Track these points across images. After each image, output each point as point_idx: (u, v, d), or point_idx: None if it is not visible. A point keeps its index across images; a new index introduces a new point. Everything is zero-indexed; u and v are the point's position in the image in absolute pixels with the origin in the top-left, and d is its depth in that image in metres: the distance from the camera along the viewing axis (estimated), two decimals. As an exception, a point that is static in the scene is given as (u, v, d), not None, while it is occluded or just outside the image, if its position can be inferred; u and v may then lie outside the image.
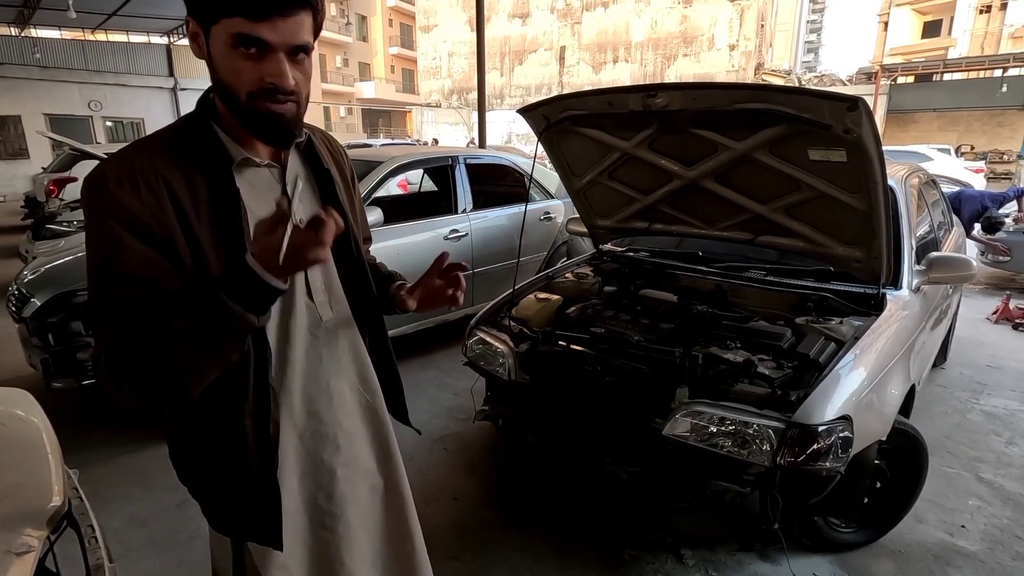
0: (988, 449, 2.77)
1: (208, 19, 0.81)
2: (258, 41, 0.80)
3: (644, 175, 2.46)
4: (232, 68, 0.82)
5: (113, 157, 0.84)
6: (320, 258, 0.77)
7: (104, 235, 0.80)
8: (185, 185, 0.84)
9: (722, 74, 20.68)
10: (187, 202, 0.84)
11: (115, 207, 0.80)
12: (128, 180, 0.81)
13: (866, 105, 1.66)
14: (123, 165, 0.82)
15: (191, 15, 0.83)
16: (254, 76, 0.81)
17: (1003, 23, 25.77)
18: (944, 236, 3.36)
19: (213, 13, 0.80)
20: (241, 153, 0.89)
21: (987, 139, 19.72)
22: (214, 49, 0.82)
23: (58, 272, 2.98)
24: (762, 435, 1.66)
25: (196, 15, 0.82)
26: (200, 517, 1.02)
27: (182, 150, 0.86)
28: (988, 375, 3.65)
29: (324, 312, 1.00)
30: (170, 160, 0.84)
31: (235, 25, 0.79)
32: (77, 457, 2.47)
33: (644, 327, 2.22)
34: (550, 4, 23.96)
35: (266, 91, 0.82)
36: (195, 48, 0.85)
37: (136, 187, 0.81)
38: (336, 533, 1.03)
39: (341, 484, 1.03)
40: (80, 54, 16.43)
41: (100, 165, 0.83)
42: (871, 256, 2.10)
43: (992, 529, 2.21)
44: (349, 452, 1.05)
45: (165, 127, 0.92)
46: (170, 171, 0.84)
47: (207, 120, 0.89)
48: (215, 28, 0.81)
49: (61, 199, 7.45)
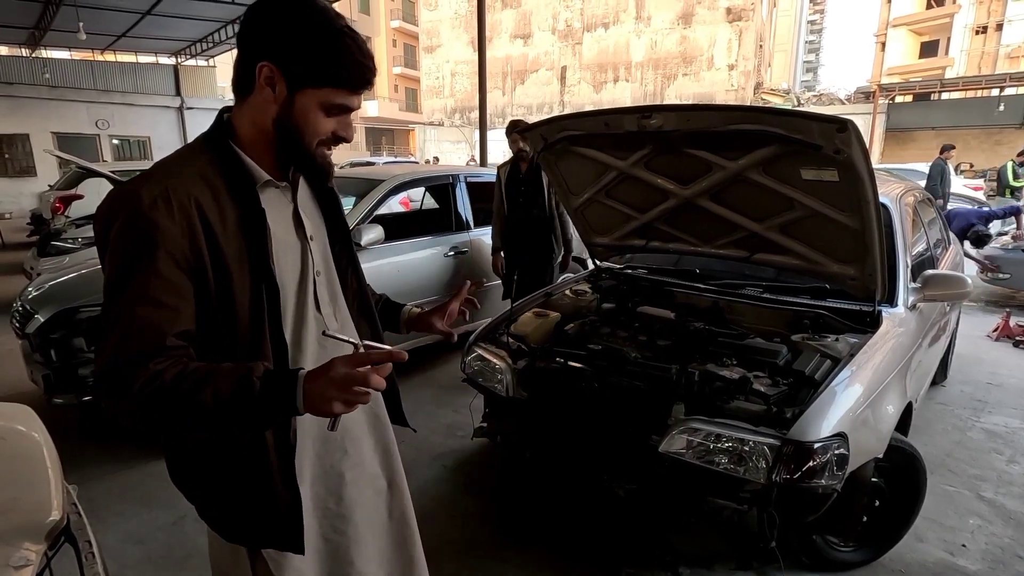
0: (989, 467, 2.76)
1: (304, 83, 0.87)
2: (347, 108, 0.91)
3: (641, 194, 2.49)
4: (311, 121, 0.89)
5: (144, 178, 0.85)
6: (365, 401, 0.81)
7: (134, 256, 0.80)
8: (214, 206, 0.86)
9: (721, 93, 20.93)
10: (216, 222, 0.86)
11: (149, 228, 0.80)
12: (162, 201, 0.82)
13: (855, 127, 1.70)
14: (156, 186, 0.83)
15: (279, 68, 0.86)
16: (327, 129, 0.91)
17: (999, 43, 26.11)
18: (941, 254, 3.38)
19: (316, 82, 0.87)
20: (263, 175, 0.93)
21: (986, 157, 19.80)
22: (298, 102, 0.88)
23: (62, 289, 3.01)
24: (758, 452, 1.67)
25: (290, 76, 0.86)
26: (198, 535, 1.04)
27: (209, 171, 0.89)
28: (988, 393, 3.64)
29: (330, 322, 1.03)
30: (199, 181, 0.87)
31: (336, 96, 0.89)
32: (75, 473, 2.47)
33: (641, 344, 2.23)
34: (551, 25, 24.37)
35: (333, 141, 0.93)
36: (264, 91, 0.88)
37: (170, 208, 0.82)
38: (346, 535, 1.06)
39: (349, 488, 1.06)
40: (89, 74, 16.71)
41: (131, 185, 0.84)
42: (865, 273, 2.12)
43: (993, 548, 2.19)
44: (356, 456, 1.08)
45: (186, 148, 0.94)
46: (200, 192, 0.86)
47: (228, 142, 0.92)
48: (310, 90, 0.88)
49: (67, 216, 7.52)
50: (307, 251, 1.00)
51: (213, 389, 0.79)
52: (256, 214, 0.90)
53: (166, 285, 0.81)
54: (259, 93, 0.88)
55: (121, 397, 0.80)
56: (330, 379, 0.78)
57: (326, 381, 0.79)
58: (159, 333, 0.81)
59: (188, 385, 0.79)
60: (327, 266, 1.06)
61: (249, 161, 0.92)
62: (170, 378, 0.79)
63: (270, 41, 0.86)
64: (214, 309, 0.86)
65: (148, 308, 0.80)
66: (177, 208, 0.82)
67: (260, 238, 0.89)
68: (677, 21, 21.86)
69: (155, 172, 0.87)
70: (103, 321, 0.82)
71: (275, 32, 0.86)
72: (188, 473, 1.00)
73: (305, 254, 0.99)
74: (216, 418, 0.80)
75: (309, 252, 1.00)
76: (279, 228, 0.94)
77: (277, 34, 0.86)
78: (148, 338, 0.80)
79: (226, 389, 0.79)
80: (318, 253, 1.02)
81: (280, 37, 0.86)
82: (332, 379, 0.78)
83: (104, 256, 0.84)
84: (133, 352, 0.80)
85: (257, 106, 0.90)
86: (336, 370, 0.79)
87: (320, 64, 0.86)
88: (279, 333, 0.92)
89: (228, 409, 0.79)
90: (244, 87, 0.90)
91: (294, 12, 0.86)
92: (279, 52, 0.86)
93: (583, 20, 23.68)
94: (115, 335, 0.80)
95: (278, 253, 0.92)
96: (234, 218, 0.88)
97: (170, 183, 0.84)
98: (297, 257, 0.98)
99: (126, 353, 0.79)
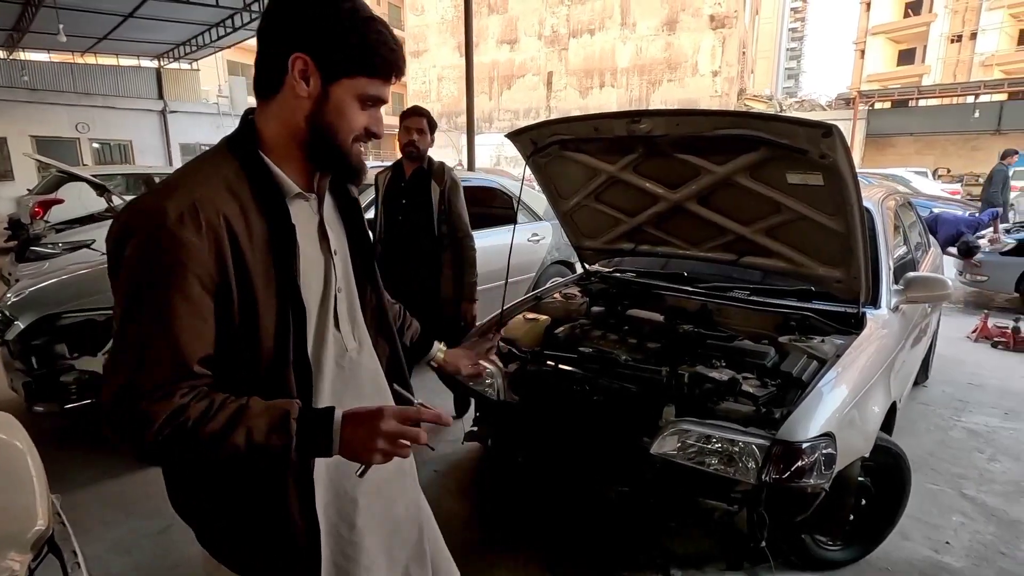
0: (971, 466, 2.82)
1: (339, 74, 0.83)
2: (381, 100, 0.87)
3: (630, 198, 2.51)
4: (347, 114, 0.85)
5: (168, 190, 0.78)
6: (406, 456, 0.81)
7: (159, 276, 0.74)
8: (241, 220, 0.80)
9: (706, 99, 21.17)
10: (244, 239, 0.80)
11: (176, 246, 0.74)
12: (190, 216, 0.75)
13: (840, 132, 1.73)
14: (183, 199, 0.76)
15: (313, 59, 0.81)
16: (361, 124, 0.87)
17: (973, 52, 26.77)
18: (922, 256, 3.45)
19: (351, 71, 0.83)
20: (293, 187, 0.87)
21: (963, 162, 20.28)
22: (333, 95, 0.83)
23: (42, 295, 2.95)
24: (747, 453, 1.69)
25: (324, 67, 0.82)
26: (185, 544, 1.02)
27: (236, 182, 0.82)
28: (969, 392, 3.71)
29: (348, 342, 0.98)
30: (226, 193, 0.80)
31: (371, 86, 0.85)
32: (59, 482, 2.41)
33: (631, 347, 2.25)
34: (538, 31, 24.49)
35: (365, 137, 0.89)
36: (298, 86, 0.82)
37: (198, 224, 0.75)
38: (359, 564, 1.00)
39: (363, 514, 1.00)
40: (69, 76, 16.47)
41: (154, 198, 0.77)
42: (850, 276, 2.16)
43: (977, 545, 2.23)
44: (371, 482, 1.00)
45: (210, 155, 0.87)
46: (228, 206, 0.80)
47: (256, 150, 0.86)
48: (345, 80, 0.83)
49: (46, 221, 7.38)
50: (331, 266, 0.94)
51: (246, 430, 0.75)
52: (286, 230, 0.84)
53: (192, 308, 0.75)
54: (290, 90, 0.83)
55: (139, 433, 0.73)
56: (379, 430, 0.78)
57: (372, 430, 0.78)
58: (185, 360, 0.75)
59: (218, 424, 0.74)
60: (348, 282, 1.00)
61: (277, 171, 0.86)
62: (196, 414, 0.74)
63: (303, 31, 0.81)
64: (236, 332, 0.80)
65: (173, 333, 0.74)
66: (205, 224, 0.76)
67: (289, 256, 0.84)
68: (662, 28, 22.09)
69: (179, 183, 0.80)
70: (117, 347, 0.76)
71: (308, 22, 0.81)
72: (192, 499, 0.93)
73: (328, 270, 0.94)
74: (247, 460, 0.77)
75: (333, 267, 0.95)
76: (305, 243, 0.88)
77: (310, 23, 0.81)
78: (173, 366, 0.75)
79: (262, 431, 0.76)
80: (340, 268, 0.97)
81: (314, 26, 0.81)
82: (382, 431, 0.78)
83: (119, 275, 0.76)
84: (155, 382, 0.74)
85: (287, 104, 0.84)
86: (387, 423, 0.78)
87: (355, 52, 0.82)
88: (303, 357, 0.87)
89: (262, 452, 0.76)
90: (270, 86, 0.85)
91: (325, 1, 0.82)
92: (313, 42, 0.81)
93: (569, 26, 23.84)
94: (133, 362, 0.74)
95: (304, 270, 0.87)
96: (262, 234, 0.82)
97: (197, 196, 0.77)
98: (321, 273, 0.93)
99: (148, 383, 0.73)
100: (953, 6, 27.34)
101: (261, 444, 0.76)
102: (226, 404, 0.77)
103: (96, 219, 5.48)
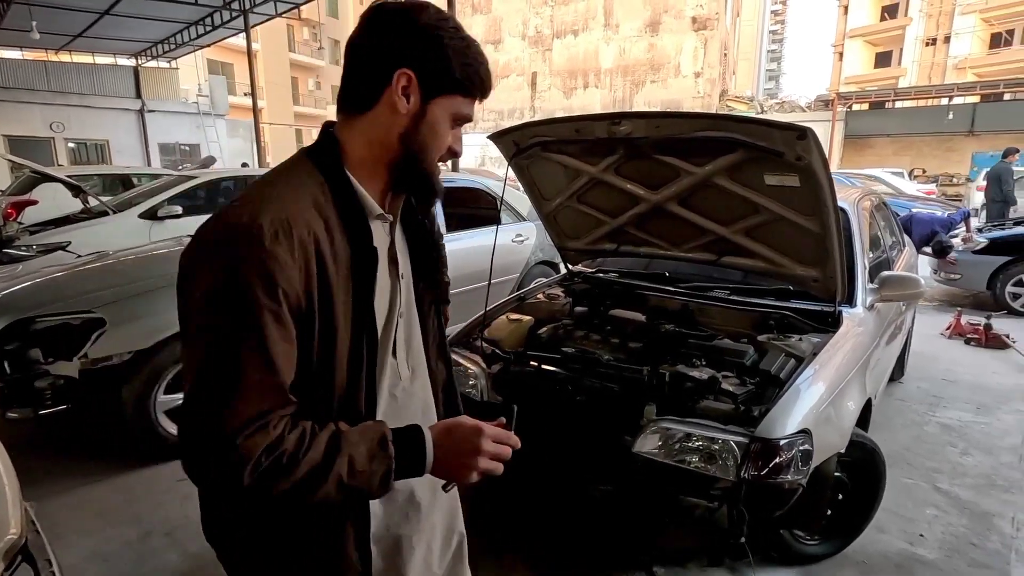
0: (945, 460, 2.88)
1: (438, 92, 0.81)
2: (469, 119, 0.87)
3: (612, 199, 2.53)
4: (439, 133, 0.84)
5: (257, 202, 0.73)
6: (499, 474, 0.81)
7: (253, 297, 0.68)
8: (328, 240, 0.76)
9: (688, 100, 21.39)
10: (329, 260, 0.75)
11: (271, 265, 0.68)
12: (284, 233, 0.70)
13: (814, 134, 1.76)
14: (279, 213, 0.71)
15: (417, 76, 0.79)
16: (446, 143, 0.86)
17: (947, 55, 27.40)
18: (897, 256, 3.53)
19: (451, 89, 0.82)
20: (375, 207, 0.84)
21: (938, 163, 20.75)
22: (430, 113, 0.82)
23: (16, 298, 2.88)
24: (727, 450, 1.71)
25: (426, 84, 0.80)
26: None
27: (322, 200, 0.78)
28: (943, 388, 3.80)
29: (403, 370, 0.94)
30: (314, 211, 0.76)
31: (465, 105, 0.84)
32: (33, 489, 2.37)
33: (614, 346, 2.27)
34: (521, 31, 24.54)
35: (448, 156, 0.88)
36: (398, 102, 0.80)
37: (291, 243, 0.71)
38: None
39: (404, 551, 0.96)
40: (43, 75, 16.08)
41: (244, 212, 0.71)
42: (827, 275, 2.20)
43: (949, 537, 2.29)
44: (416, 522, 0.98)
45: (292, 167, 0.82)
46: (317, 225, 0.75)
47: (343, 167, 0.81)
48: (443, 98, 0.82)
49: (20, 223, 7.20)
50: (396, 291, 0.90)
51: (348, 458, 0.72)
52: (368, 255, 0.80)
53: (284, 332, 0.71)
54: (387, 106, 0.80)
55: (237, 473, 0.68)
56: (480, 448, 0.78)
57: (473, 448, 0.79)
58: (282, 388, 0.71)
59: (318, 454, 0.71)
60: (409, 307, 0.96)
61: (362, 190, 0.82)
62: (292, 446, 0.70)
63: (410, 47, 0.79)
64: (311, 359, 0.76)
65: (270, 356, 0.69)
66: (297, 243, 0.71)
67: (369, 282, 0.80)
68: (645, 29, 22.27)
69: (270, 197, 0.74)
70: (200, 376, 0.69)
71: (416, 38, 0.79)
72: (236, 533, 0.85)
73: (394, 295, 0.90)
74: (349, 489, 0.73)
75: (399, 292, 0.91)
76: (380, 268, 0.84)
77: (418, 40, 0.79)
78: (271, 394, 0.70)
79: (363, 457, 0.73)
80: (405, 293, 0.93)
81: (422, 43, 0.79)
82: (483, 450, 0.78)
83: (201, 295, 0.69)
84: (250, 413, 0.68)
85: (380, 121, 0.81)
86: (487, 442, 0.79)
87: (457, 71, 0.81)
88: (373, 386, 0.83)
89: (365, 479, 0.73)
90: (363, 101, 0.81)
91: (430, 18, 0.80)
92: (420, 58, 0.79)
93: (553, 27, 23.92)
94: (225, 392, 0.68)
95: (376, 295, 0.83)
96: (344, 256, 0.78)
97: (291, 212, 0.72)
98: (387, 298, 0.88)
99: (243, 414, 0.68)
100: (928, 10, 27.98)
101: (364, 472, 0.73)
102: (317, 432, 0.73)
103: (72, 221, 5.37)
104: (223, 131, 18.57)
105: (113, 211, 5.41)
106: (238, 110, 21.92)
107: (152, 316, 2.73)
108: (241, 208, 0.72)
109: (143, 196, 5.71)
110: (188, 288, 0.71)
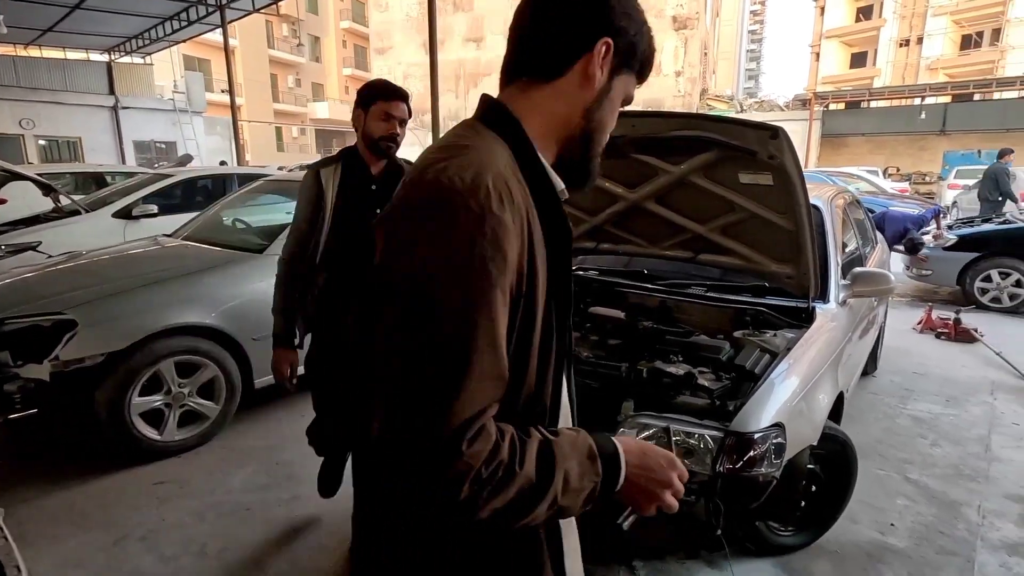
0: (915, 451, 2.96)
1: (624, 67, 0.75)
2: (631, 100, 0.80)
3: (590, 197, 2.55)
4: (614, 111, 0.78)
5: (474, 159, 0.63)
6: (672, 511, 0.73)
7: (484, 270, 0.57)
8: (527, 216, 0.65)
9: (669, 99, 21.58)
10: (537, 235, 0.65)
11: (500, 233, 0.58)
12: (507, 197, 0.60)
13: (785, 134, 1.80)
14: (499, 177, 0.61)
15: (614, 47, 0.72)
16: (615, 123, 0.80)
17: (920, 56, 28.06)
18: (870, 252, 3.61)
19: (633, 66, 0.76)
20: (560, 184, 0.74)
21: (912, 161, 21.25)
22: (614, 89, 0.75)
23: (-17, 300, 2.81)
24: (703, 444, 1.74)
25: (619, 58, 0.73)
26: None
27: (515, 169, 0.68)
28: (915, 382, 3.90)
29: None
30: (515, 179, 0.65)
31: (633, 85, 0.78)
32: (1, 495, 2.32)
33: (593, 343, 2.29)
34: (503, 29, 24.43)
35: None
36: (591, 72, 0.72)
37: (513, 208, 0.61)
38: None
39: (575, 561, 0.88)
40: (11, 70, 15.62)
41: (465, 169, 0.61)
42: (800, 272, 2.24)
43: (918, 526, 2.35)
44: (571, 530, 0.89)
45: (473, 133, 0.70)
46: (522, 196, 0.65)
47: (527, 138, 0.71)
48: (624, 75, 0.76)
49: (-12, 222, 7.01)
50: None
51: (564, 474, 0.62)
52: (563, 234, 0.70)
53: (507, 313, 0.60)
54: (579, 76, 0.71)
55: (456, 484, 0.56)
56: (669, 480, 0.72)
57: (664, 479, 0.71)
58: (504, 379, 0.60)
59: (532, 467, 0.60)
60: None
61: (548, 166, 0.73)
62: (507, 455, 0.59)
63: (616, 15, 0.71)
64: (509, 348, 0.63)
65: (499, 343, 0.59)
66: (517, 210, 0.61)
67: (567, 265, 0.70)
68: (626, 28, 22.44)
69: (478, 158, 0.63)
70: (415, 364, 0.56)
71: (621, 5, 0.72)
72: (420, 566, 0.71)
73: None
74: (559, 511, 0.64)
75: None
76: None
77: (623, 8, 0.72)
78: (492, 387, 0.59)
79: (575, 473, 0.64)
80: None
81: (625, 12, 0.72)
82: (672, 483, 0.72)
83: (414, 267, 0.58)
84: (475, 409, 0.57)
85: (567, 91, 0.72)
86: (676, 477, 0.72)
87: (642, 48, 0.75)
88: (560, 383, 0.73)
89: (574, 498, 0.64)
90: (552, 69, 0.72)
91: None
92: (620, 28, 0.72)
93: (535, 25, 23.95)
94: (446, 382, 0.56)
95: None
96: (540, 236, 0.66)
97: (506, 176, 0.63)
98: None
99: (467, 410, 0.56)
100: (901, 12, 28.60)
101: (576, 490, 0.64)
102: (522, 439, 0.62)
103: (42, 220, 5.24)
104: (200, 129, 18.24)
105: (86, 210, 5.29)
106: (216, 107, 21.56)
107: (127, 317, 2.68)
108: (453, 170, 0.60)
109: (117, 195, 5.60)
110: (398, 262, 0.60)
